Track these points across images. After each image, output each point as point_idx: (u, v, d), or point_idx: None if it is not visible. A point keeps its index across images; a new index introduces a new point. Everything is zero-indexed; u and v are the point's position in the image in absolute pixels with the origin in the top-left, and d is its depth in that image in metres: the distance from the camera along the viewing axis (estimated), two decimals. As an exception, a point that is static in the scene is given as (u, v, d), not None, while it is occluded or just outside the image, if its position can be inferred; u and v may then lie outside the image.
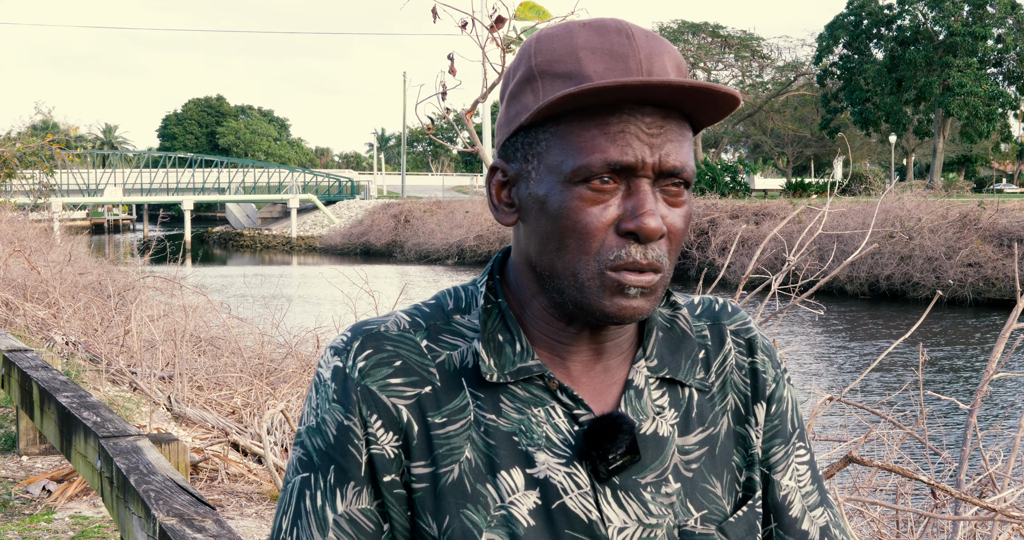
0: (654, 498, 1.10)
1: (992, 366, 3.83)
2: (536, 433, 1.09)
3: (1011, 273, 27.40)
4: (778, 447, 1.19)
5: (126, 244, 45.42)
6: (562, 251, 1.06)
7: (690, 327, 1.18)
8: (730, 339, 1.19)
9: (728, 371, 1.18)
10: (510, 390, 1.10)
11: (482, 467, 1.09)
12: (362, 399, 1.09)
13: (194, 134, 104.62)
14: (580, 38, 1.07)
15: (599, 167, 1.04)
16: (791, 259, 4.23)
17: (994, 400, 13.96)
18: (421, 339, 1.13)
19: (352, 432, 1.09)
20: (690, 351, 1.16)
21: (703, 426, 1.15)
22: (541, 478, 1.08)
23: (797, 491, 1.19)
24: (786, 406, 1.20)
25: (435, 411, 1.10)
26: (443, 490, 1.08)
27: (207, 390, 8.35)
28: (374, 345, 1.11)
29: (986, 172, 79.02)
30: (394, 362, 1.10)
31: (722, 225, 35.85)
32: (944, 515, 3.78)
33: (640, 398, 1.12)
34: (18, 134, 27.15)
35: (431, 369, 1.11)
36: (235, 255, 56.12)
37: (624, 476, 1.09)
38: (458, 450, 1.09)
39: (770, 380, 1.19)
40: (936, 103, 55.16)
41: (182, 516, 2.90)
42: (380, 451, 1.08)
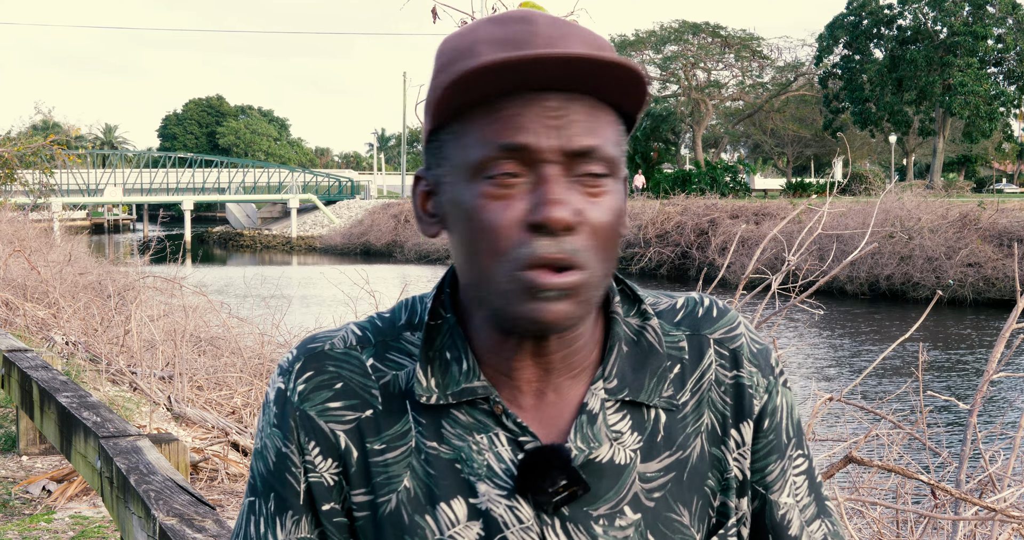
0: (606, 531, 1.02)
1: (992, 366, 3.83)
2: (477, 461, 1.03)
3: (1011, 273, 27.40)
4: (774, 464, 1.10)
5: (126, 244, 45.42)
6: (477, 256, 0.99)
7: (659, 340, 1.08)
8: (711, 352, 1.09)
9: (705, 388, 1.08)
10: (452, 415, 1.04)
11: (421, 497, 1.03)
12: (300, 425, 1.05)
13: (194, 134, 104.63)
14: (480, 32, 1.01)
15: (495, 154, 0.97)
16: (791, 259, 4.23)
17: (994, 400, 13.96)
18: (368, 357, 1.07)
19: (290, 460, 1.06)
20: (656, 368, 1.07)
21: (671, 450, 1.06)
22: (483, 509, 1.02)
23: (795, 508, 1.12)
24: (780, 416, 1.11)
25: (375, 437, 1.05)
26: (382, 520, 1.04)
27: (207, 390, 8.36)
28: (315, 367, 1.06)
29: (986, 172, 79.03)
30: (335, 384, 1.06)
31: (722, 225, 35.84)
32: (944, 515, 3.78)
33: (594, 424, 1.03)
34: (18, 134, 27.15)
35: (374, 391, 1.06)
36: (235, 255, 56.12)
37: (574, 508, 1.02)
38: (396, 479, 1.04)
39: (760, 393, 1.10)
40: (937, 103, 55.16)
41: (182, 516, 2.90)
42: (319, 479, 1.05)
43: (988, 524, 3.88)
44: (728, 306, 1.15)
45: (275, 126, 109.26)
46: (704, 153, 64.43)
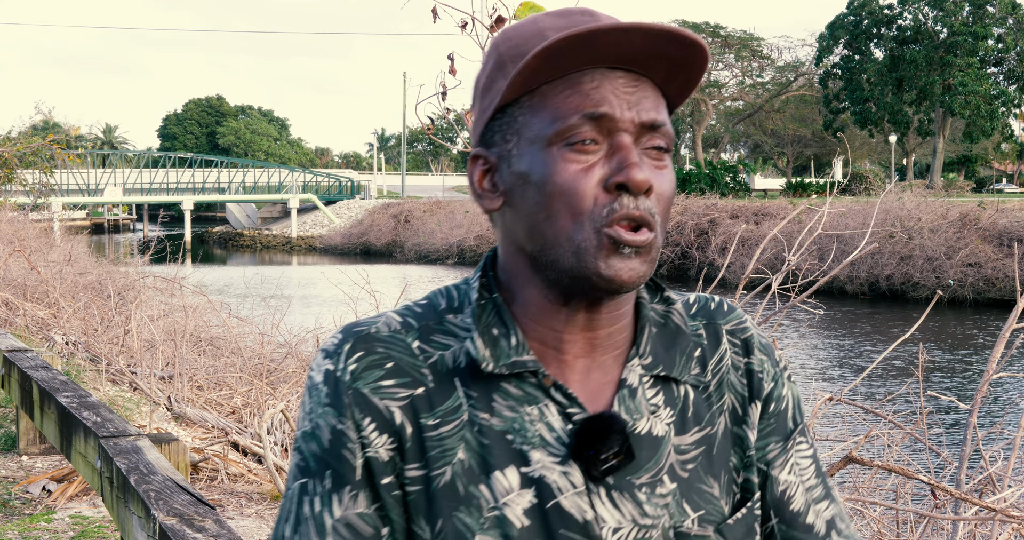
0: (649, 498, 1.08)
1: (992, 366, 3.83)
2: (530, 431, 1.07)
3: (1011, 273, 27.40)
4: (775, 444, 1.16)
5: (126, 244, 45.42)
6: (553, 218, 1.04)
7: (684, 323, 1.15)
8: (726, 339, 1.17)
9: (724, 371, 1.16)
10: (503, 388, 1.08)
11: (475, 468, 1.07)
12: (354, 402, 1.07)
13: (194, 134, 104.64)
14: (544, 22, 1.08)
15: (577, 122, 1.04)
16: (791, 259, 4.23)
17: (994, 400, 13.96)
18: (412, 340, 1.11)
19: (346, 436, 1.07)
20: (684, 347, 1.14)
21: (699, 425, 1.13)
22: (536, 477, 1.06)
23: (799, 485, 1.17)
24: (785, 404, 1.18)
25: (428, 412, 1.08)
26: (435, 493, 1.07)
27: (207, 390, 8.36)
28: (365, 347, 1.09)
29: (986, 172, 79.03)
30: (386, 364, 1.09)
31: (722, 225, 35.84)
32: (944, 515, 3.78)
33: (634, 397, 1.10)
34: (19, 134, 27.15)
35: (423, 370, 1.09)
36: (235, 255, 56.11)
37: (618, 476, 1.07)
38: (451, 452, 1.07)
39: (767, 379, 1.17)
40: (937, 103, 55.16)
41: (182, 516, 2.90)
42: (375, 454, 1.07)
43: (988, 524, 3.88)
44: (734, 305, 1.22)
45: (275, 126, 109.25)
46: (704, 153, 64.42)
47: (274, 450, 6.46)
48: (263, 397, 7.67)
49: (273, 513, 5.68)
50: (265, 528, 5.42)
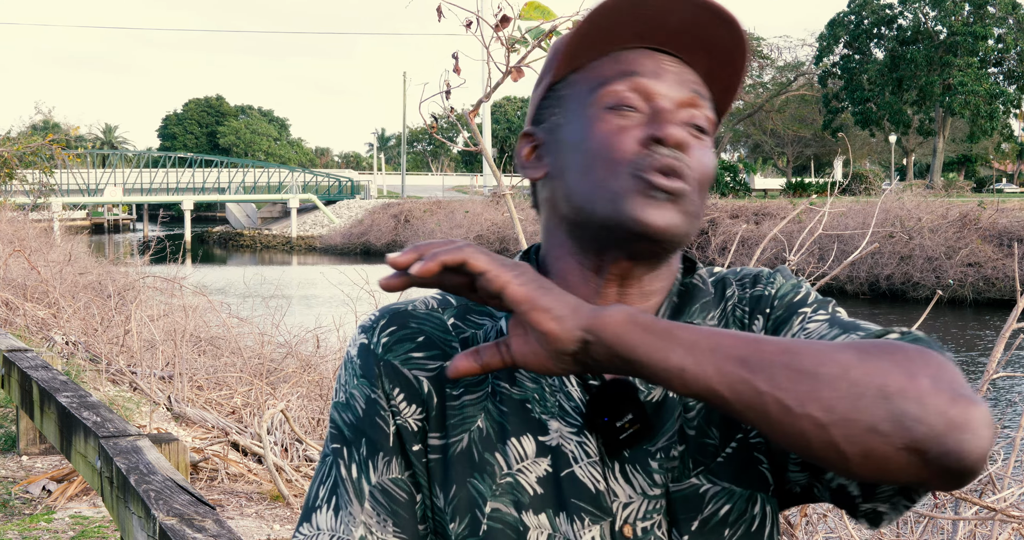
0: (660, 465, 1.07)
1: (992, 366, 3.83)
2: (549, 401, 1.09)
3: (1011, 273, 27.41)
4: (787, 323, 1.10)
5: (126, 244, 45.42)
6: (591, 171, 1.07)
7: (704, 284, 1.16)
8: (734, 286, 1.16)
9: (728, 310, 1.15)
10: None
11: (493, 435, 1.09)
12: (385, 373, 1.11)
13: (194, 134, 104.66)
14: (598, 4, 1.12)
15: (618, 87, 1.07)
16: (791, 259, 4.23)
17: (994, 400, 13.96)
18: (448, 317, 1.14)
19: (379, 405, 1.10)
20: (698, 299, 1.14)
21: None
22: (553, 445, 1.08)
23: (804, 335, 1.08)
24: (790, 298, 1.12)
25: (454, 382, 1.11)
26: (451, 460, 1.09)
27: (207, 390, 8.36)
28: (399, 322, 1.13)
29: (986, 172, 79.04)
30: (417, 337, 1.12)
31: (722, 225, 35.84)
32: (944, 515, 3.78)
33: None
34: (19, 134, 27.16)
35: (454, 344, 1.12)
36: (235, 255, 56.11)
37: (633, 450, 1.07)
38: (471, 419, 1.09)
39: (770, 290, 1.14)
40: (937, 102, 55.18)
41: (182, 516, 2.90)
42: (404, 423, 1.10)
43: (988, 524, 3.88)
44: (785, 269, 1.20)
45: (275, 126, 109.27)
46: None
47: (274, 450, 6.46)
48: (263, 397, 7.67)
49: (273, 513, 5.69)
50: (265, 528, 5.42)
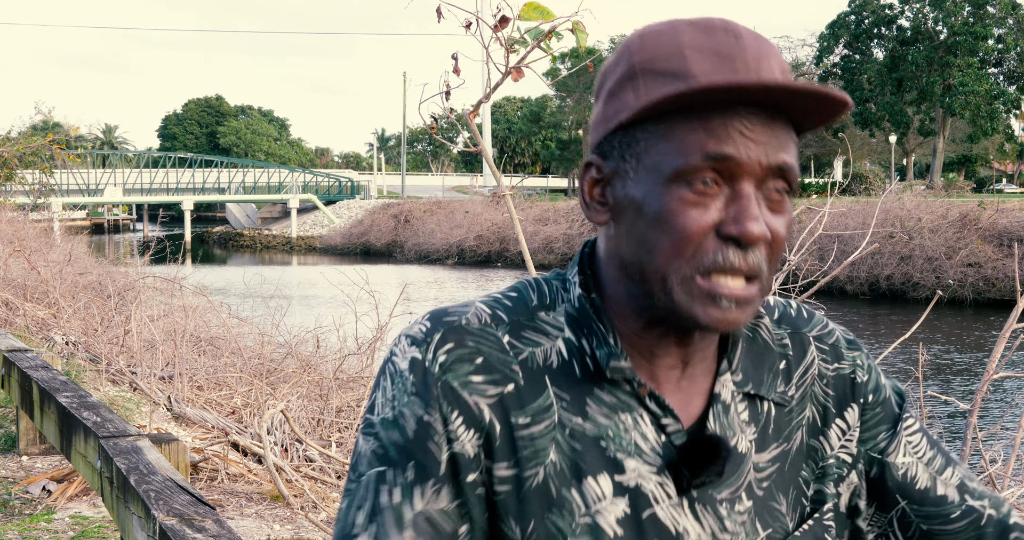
0: (729, 514, 1.07)
1: (992, 366, 3.83)
2: (625, 439, 1.06)
3: (1011, 273, 27.40)
4: (885, 432, 1.16)
5: (126, 244, 45.40)
6: (654, 254, 1.01)
7: (772, 337, 1.15)
8: (813, 347, 1.16)
9: (809, 383, 1.15)
10: (596, 394, 1.06)
11: (567, 471, 1.05)
12: (443, 395, 1.04)
13: (194, 134, 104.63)
14: (686, 36, 1.03)
15: (699, 162, 0.99)
16: (792, 259, 4.23)
17: (994, 400, 13.96)
18: (503, 334, 1.08)
19: (432, 428, 1.04)
20: (772, 364, 1.13)
21: (778, 442, 1.12)
22: (632, 486, 1.05)
23: (918, 464, 1.16)
24: (887, 393, 1.18)
25: (519, 410, 1.05)
26: (527, 494, 1.04)
27: (207, 390, 8.35)
28: (455, 339, 1.06)
29: (986, 172, 79.01)
30: (476, 359, 1.05)
31: (722, 225, 35.84)
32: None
33: (727, 414, 1.09)
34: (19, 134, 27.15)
35: (514, 366, 1.06)
36: (235, 255, 56.11)
37: (701, 490, 1.07)
38: (543, 452, 1.05)
39: (862, 374, 1.17)
40: (937, 103, 55.16)
41: (182, 516, 2.90)
42: (461, 450, 1.04)
43: (988, 524, 3.88)
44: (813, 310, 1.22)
45: (275, 126, 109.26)
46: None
47: (274, 450, 6.46)
48: (263, 397, 7.67)
49: (273, 513, 5.68)
50: (265, 528, 5.42)
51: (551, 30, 2.91)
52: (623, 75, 1.05)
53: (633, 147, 1.04)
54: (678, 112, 1.01)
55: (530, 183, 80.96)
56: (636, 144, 1.04)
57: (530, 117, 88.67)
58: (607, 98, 1.07)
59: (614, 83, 1.06)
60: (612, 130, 1.06)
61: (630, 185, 1.04)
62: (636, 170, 1.04)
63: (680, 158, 1.00)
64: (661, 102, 0.99)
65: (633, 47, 1.06)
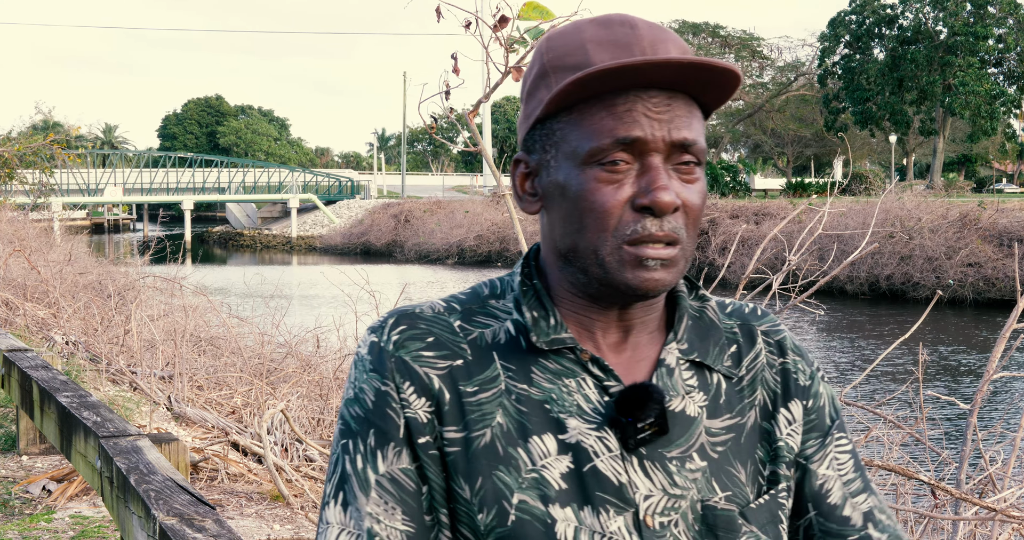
0: (679, 471, 1.13)
1: (992, 366, 3.83)
2: (567, 401, 1.13)
3: (1011, 273, 27.41)
4: (814, 440, 1.22)
5: (126, 244, 45.40)
6: (583, 231, 1.11)
7: (719, 319, 1.23)
8: (761, 339, 1.24)
9: (759, 368, 1.22)
10: (541, 363, 1.15)
11: (514, 432, 1.12)
12: (396, 368, 1.14)
13: (194, 134, 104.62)
14: (587, 33, 1.13)
15: (609, 145, 1.09)
16: (792, 259, 4.23)
17: (994, 400, 13.96)
18: (455, 320, 1.18)
19: (389, 396, 1.14)
20: (718, 339, 1.21)
21: (731, 413, 1.19)
22: (573, 442, 1.12)
23: (837, 479, 1.22)
24: (823, 401, 1.24)
25: (467, 381, 1.14)
26: (475, 453, 1.12)
27: (207, 390, 8.35)
28: (408, 322, 1.17)
29: (986, 172, 79.01)
30: (427, 338, 1.16)
31: (722, 225, 35.85)
32: (944, 515, 3.78)
33: (671, 376, 1.16)
34: (19, 134, 27.14)
35: (462, 345, 1.16)
36: (235, 255, 56.10)
37: (650, 448, 1.13)
38: (490, 415, 1.13)
39: (804, 378, 1.23)
40: (937, 102, 55.16)
41: (182, 516, 2.90)
42: (414, 415, 1.13)
43: (988, 524, 3.88)
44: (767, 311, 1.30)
45: (275, 126, 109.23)
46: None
47: (274, 450, 6.46)
48: (263, 397, 7.67)
49: (273, 513, 5.69)
50: (265, 528, 5.42)
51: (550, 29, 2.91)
52: (537, 75, 1.17)
53: (552, 138, 1.14)
54: (587, 101, 1.11)
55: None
56: (554, 134, 1.14)
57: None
58: (527, 98, 1.18)
59: (531, 83, 1.18)
60: (532, 126, 1.17)
61: (553, 172, 1.14)
62: (556, 158, 1.14)
63: (592, 142, 1.10)
64: (565, 89, 1.09)
65: (543, 48, 1.17)
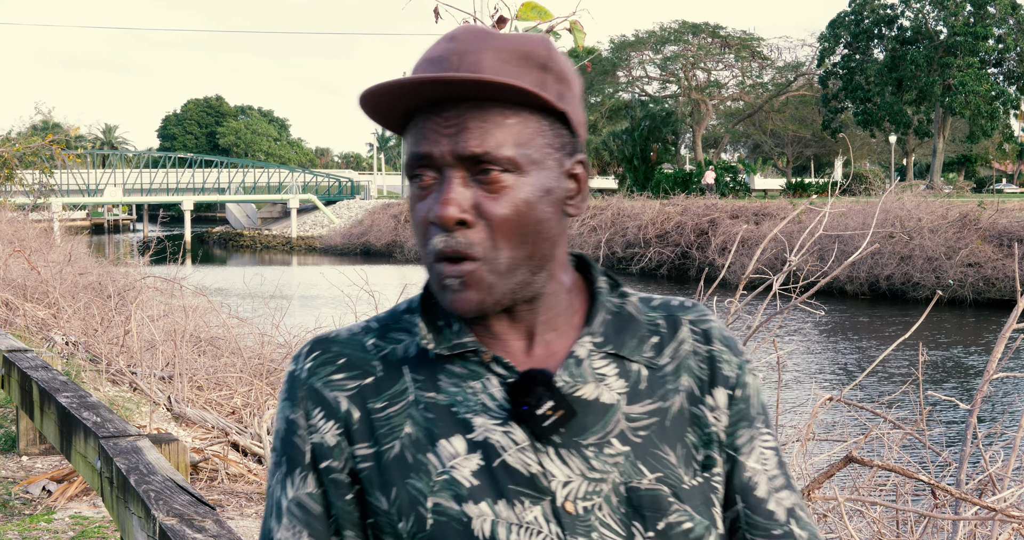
0: (597, 456, 1.14)
1: (992, 366, 3.83)
2: (472, 402, 1.15)
3: (1011, 273, 27.40)
4: (743, 430, 1.22)
5: (126, 244, 45.39)
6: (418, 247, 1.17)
7: (639, 312, 1.23)
8: (687, 328, 1.23)
9: (684, 356, 1.21)
10: (447, 369, 1.17)
11: (422, 439, 1.15)
12: (307, 395, 1.19)
13: (194, 134, 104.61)
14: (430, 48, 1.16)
15: (411, 162, 1.13)
16: (792, 259, 4.23)
17: (994, 400, 13.96)
18: (369, 339, 1.21)
19: (296, 424, 1.19)
20: (636, 331, 1.21)
21: (652, 398, 1.18)
22: (480, 440, 1.14)
23: (763, 473, 1.22)
24: (750, 392, 1.23)
25: (376, 397, 1.17)
26: (387, 465, 1.15)
27: (207, 390, 8.35)
28: (322, 348, 1.21)
29: (986, 172, 79.00)
30: (338, 360, 1.20)
31: (722, 225, 35.83)
32: (944, 515, 3.78)
33: (579, 366, 1.16)
34: (19, 134, 27.14)
35: (374, 362, 1.19)
36: (235, 255, 56.10)
37: (565, 437, 1.13)
38: (398, 428, 1.16)
39: (730, 367, 1.22)
40: (937, 103, 55.15)
41: (182, 516, 2.90)
42: (320, 440, 1.17)
43: (988, 524, 3.88)
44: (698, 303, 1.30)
45: (275, 126, 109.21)
46: (704, 153, 64.45)
47: (274, 450, 6.45)
48: (263, 397, 7.67)
49: (273, 513, 5.68)
50: (265, 528, 5.41)
51: (549, 30, 2.91)
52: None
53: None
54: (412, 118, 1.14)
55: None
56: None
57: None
58: None
59: None
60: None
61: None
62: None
63: (405, 159, 1.15)
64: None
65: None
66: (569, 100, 1.16)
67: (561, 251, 1.18)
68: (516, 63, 1.12)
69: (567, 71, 1.16)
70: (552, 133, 1.14)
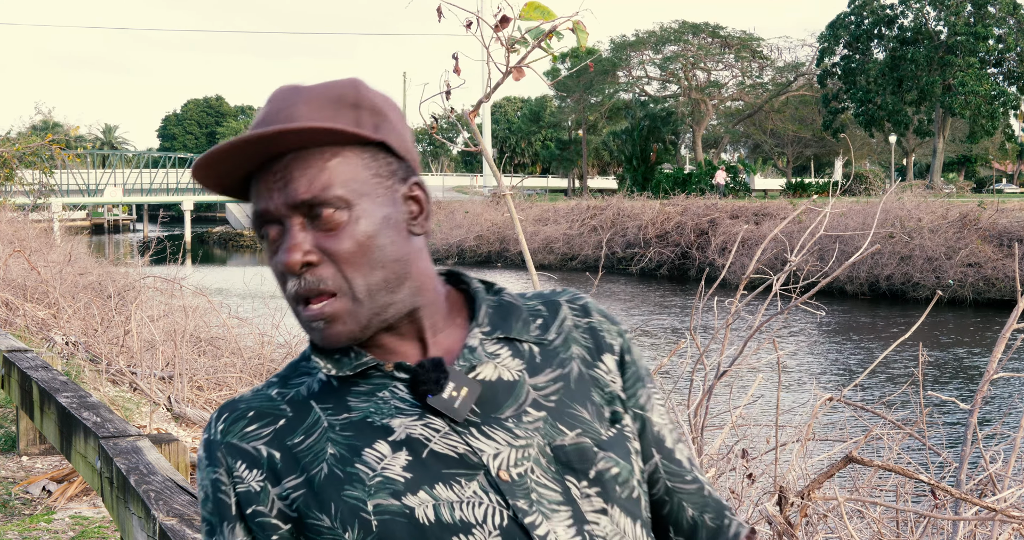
0: (517, 425, 1.21)
1: (992, 366, 3.83)
2: (386, 409, 1.20)
3: (1011, 273, 27.40)
4: (641, 390, 1.31)
5: (126, 244, 45.39)
6: None
7: (517, 300, 1.31)
8: (565, 307, 1.32)
9: (567, 330, 1.30)
10: (353, 390, 1.22)
11: (347, 454, 1.19)
12: (226, 453, 1.22)
13: (194, 134, 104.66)
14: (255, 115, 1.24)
15: (255, 222, 1.20)
16: (792, 260, 4.23)
17: (994, 400, 13.96)
18: (272, 390, 1.26)
19: (220, 481, 1.22)
20: (520, 315, 1.28)
21: (552, 367, 1.26)
22: (403, 438, 1.19)
23: (666, 427, 1.33)
24: (636, 355, 1.33)
25: (291, 435, 1.22)
26: (320, 486, 1.18)
27: (207, 390, 8.35)
28: (230, 408, 1.25)
29: (986, 172, 79.01)
30: (248, 414, 1.24)
31: (722, 225, 35.83)
32: (944, 515, 3.78)
33: (474, 352, 1.23)
34: (18, 134, 27.13)
35: (282, 407, 1.24)
36: (235, 255, 56.09)
37: (484, 416, 1.20)
38: (322, 452, 1.20)
39: (611, 335, 1.31)
40: (937, 103, 55.14)
41: (182, 516, 2.90)
42: (246, 488, 1.21)
43: (988, 524, 3.88)
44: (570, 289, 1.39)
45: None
46: (704, 153, 64.45)
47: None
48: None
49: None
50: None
51: (552, 30, 2.91)
52: None
53: None
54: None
55: (530, 183, 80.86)
56: None
57: (530, 117, 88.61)
58: None
59: None
60: None
61: None
62: None
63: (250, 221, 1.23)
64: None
65: None
66: (387, 130, 1.21)
67: (420, 267, 1.23)
68: (329, 108, 1.18)
69: (380, 104, 1.22)
70: (378, 164, 1.20)
